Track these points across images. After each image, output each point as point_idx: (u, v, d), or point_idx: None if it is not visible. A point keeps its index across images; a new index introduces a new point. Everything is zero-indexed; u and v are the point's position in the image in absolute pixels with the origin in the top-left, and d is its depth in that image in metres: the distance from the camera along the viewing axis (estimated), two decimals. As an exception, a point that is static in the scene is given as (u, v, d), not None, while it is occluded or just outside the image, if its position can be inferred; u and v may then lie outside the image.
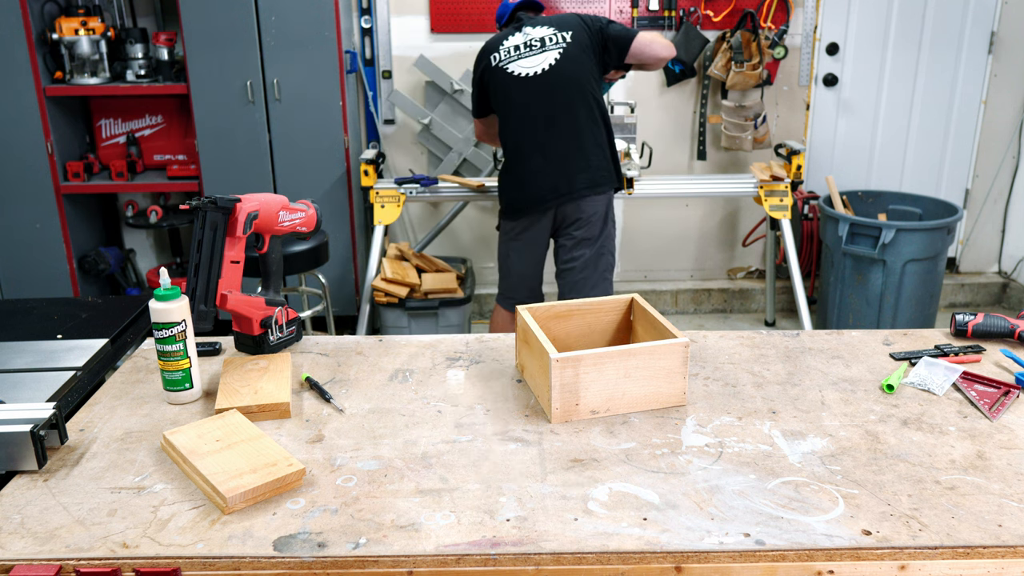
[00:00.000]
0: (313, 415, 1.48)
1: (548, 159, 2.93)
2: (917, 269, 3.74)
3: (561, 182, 2.93)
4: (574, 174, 2.92)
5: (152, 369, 1.67)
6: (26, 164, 3.76)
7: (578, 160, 2.93)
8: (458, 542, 1.12)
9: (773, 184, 3.74)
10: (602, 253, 3.02)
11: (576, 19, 2.99)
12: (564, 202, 2.95)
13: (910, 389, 1.56)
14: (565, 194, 2.93)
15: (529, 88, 2.92)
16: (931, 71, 4.37)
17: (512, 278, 3.18)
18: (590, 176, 2.93)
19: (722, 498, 1.22)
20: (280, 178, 3.88)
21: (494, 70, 2.98)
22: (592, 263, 3.02)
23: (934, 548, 1.11)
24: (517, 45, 2.96)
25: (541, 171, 2.94)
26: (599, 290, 3.04)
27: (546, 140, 2.93)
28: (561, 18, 3.00)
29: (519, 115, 2.97)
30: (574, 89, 2.91)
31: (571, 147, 2.92)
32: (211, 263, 1.62)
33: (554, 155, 2.93)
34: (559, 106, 2.91)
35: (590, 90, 2.93)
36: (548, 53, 2.91)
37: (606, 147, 2.99)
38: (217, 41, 3.65)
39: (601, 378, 1.43)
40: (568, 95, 2.91)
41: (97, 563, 1.09)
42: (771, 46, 4.11)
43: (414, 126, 4.27)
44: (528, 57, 2.93)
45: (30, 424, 1.28)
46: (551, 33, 2.94)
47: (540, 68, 2.91)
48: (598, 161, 2.95)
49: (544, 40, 2.93)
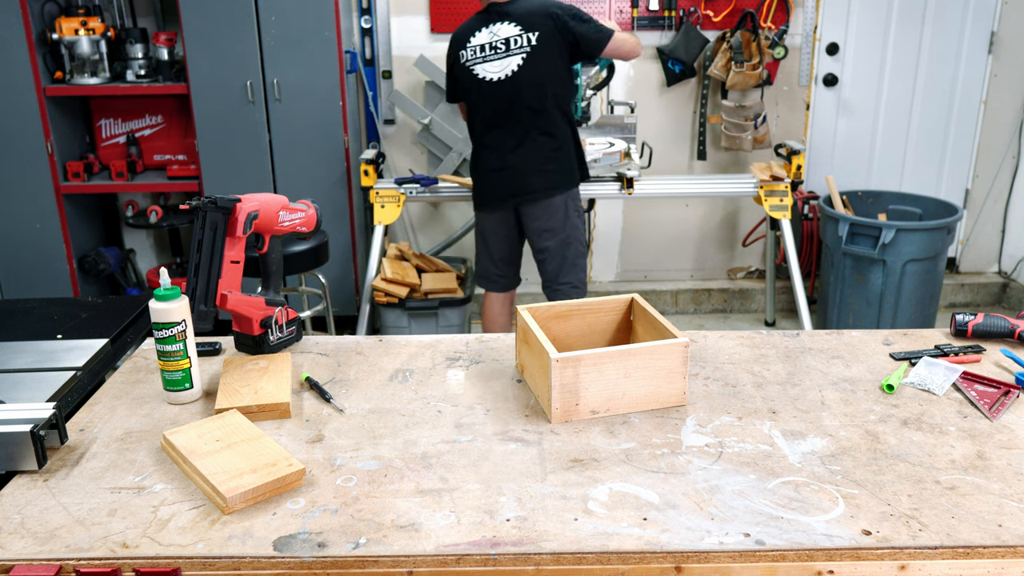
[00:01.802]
0: (313, 415, 1.48)
1: (506, 161, 3.03)
2: (917, 269, 3.74)
3: (517, 184, 3.03)
4: (529, 178, 3.01)
5: (152, 369, 1.67)
6: (26, 164, 3.76)
7: (533, 165, 3.00)
8: (458, 542, 1.12)
9: (773, 184, 3.74)
10: (568, 242, 3.10)
11: (545, 13, 2.93)
12: (520, 203, 3.07)
13: (910, 389, 1.56)
14: (519, 195, 3.05)
15: (492, 92, 2.99)
16: (931, 71, 4.37)
17: (483, 261, 3.33)
18: (545, 179, 3.01)
19: (722, 498, 1.22)
20: (280, 178, 3.88)
21: (462, 67, 3.04)
22: (559, 252, 3.11)
23: (934, 548, 1.11)
24: (483, 45, 2.97)
25: (499, 171, 3.06)
26: (572, 276, 3.14)
27: (505, 143, 3.02)
28: (530, 11, 2.94)
29: (482, 116, 3.06)
30: (535, 95, 2.95)
31: (528, 152, 3.00)
32: (211, 263, 1.62)
33: (511, 158, 3.02)
34: (519, 112, 2.97)
35: (551, 94, 2.97)
36: (512, 58, 2.93)
37: (569, 149, 3.05)
38: (217, 41, 3.65)
39: (601, 378, 1.43)
40: (528, 101, 2.96)
41: (97, 563, 1.09)
42: (771, 46, 4.11)
43: (414, 126, 4.27)
44: (492, 61, 2.95)
45: (30, 424, 1.28)
46: (517, 33, 2.92)
47: (503, 74, 2.94)
48: (555, 165, 3.02)
49: (509, 42, 2.93)
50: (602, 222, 4.54)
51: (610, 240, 4.59)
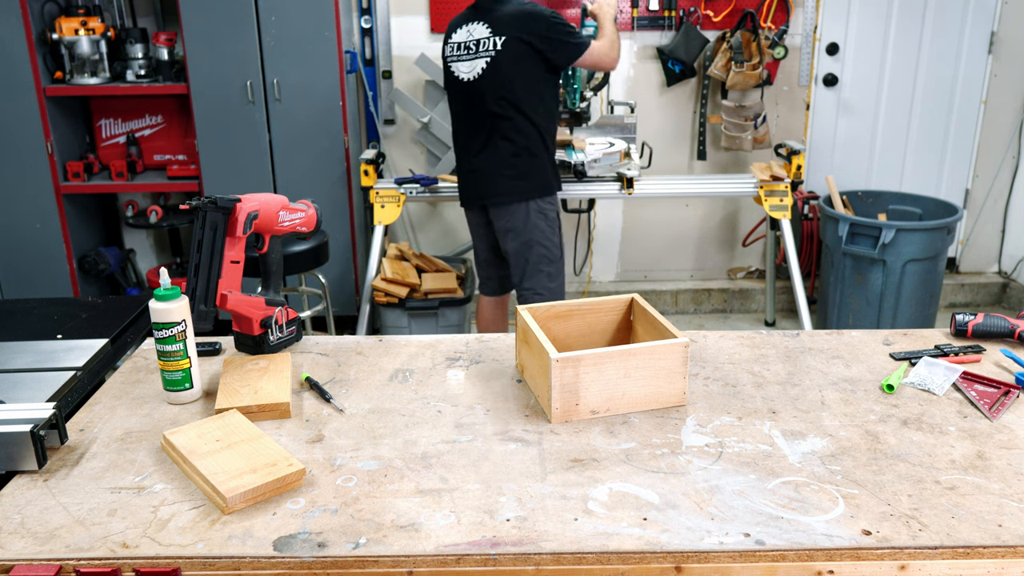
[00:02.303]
0: (313, 415, 1.48)
1: (473, 163, 3.03)
2: (917, 269, 3.74)
3: (483, 187, 3.02)
4: (491, 181, 2.99)
5: (152, 369, 1.67)
6: (26, 164, 3.76)
7: (494, 169, 2.97)
8: (458, 542, 1.12)
9: (773, 184, 3.74)
10: (530, 245, 3.00)
11: (519, 19, 2.83)
12: (487, 204, 3.05)
13: (910, 389, 1.56)
14: (485, 197, 3.03)
15: (462, 92, 2.98)
16: (931, 71, 4.37)
17: (478, 262, 3.33)
18: (506, 185, 2.97)
19: (722, 498, 1.22)
20: (280, 178, 3.88)
21: (444, 60, 3.04)
22: (521, 255, 3.03)
23: (934, 548, 1.11)
24: (460, 43, 2.95)
25: (469, 172, 3.06)
26: (535, 282, 3.06)
27: (471, 145, 3.02)
28: (507, 14, 2.86)
29: (456, 114, 3.08)
30: (497, 99, 2.89)
31: (490, 156, 2.97)
32: (211, 263, 1.62)
33: (476, 161, 3.02)
34: (483, 115, 2.94)
35: (515, 100, 2.88)
36: (478, 60, 2.89)
37: (535, 157, 2.94)
38: (217, 41, 3.65)
39: (601, 378, 1.43)
40: (491, 105, 2.91)
41: (97, 563, 1.09)
42: (771, 46, 4.11)
43: (414, 125, 4.27)
44: (464, 60, 2.93)
45: (30, 424, 1.28)
46: (487, 35, 2.86)
47: (471, 75, 2.92)
48: (514, 171, 2.94)
49: (479, 44, 2.89)
50: (602, 222, 4.55)
51: (610, 240, 4.59)
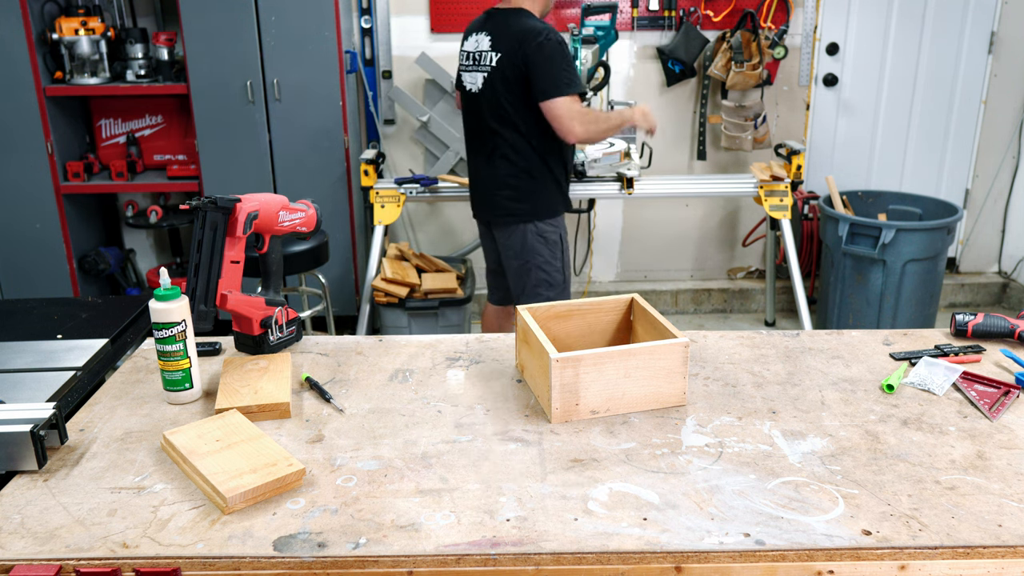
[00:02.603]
0: (313, 415, 1.48)
1: (474, 178, 3.00)
2: (917, 269, 3.74)
3: (485, 201, 2.98)
4: (490, 197, 2.92)
5: (152, 369, 1.67)
6: (26, 164, 3.76)
7: (492, 186, 2.90)
8: (458, 542, 1.12)
9: (773, 184, 3.74)
10: (528, 268, 2.90)
11: (520, 38, 2.68)
12: (489, 220, 3.00)
13: (910, 389, 1.56)
14: (486, 211, 2.99)
15: (469, 103, 2.92)
16: (931, 71, 4.37)
17: (486, 270, 3.28)
18: (503, 206, 2.88)
19: (722, 498, 1.22)
20: (280, 178, 3.88)
21: (459, 65, 2.98)
22: (518, 276, 2.94)
23: (934, 548, 1.11)
24: (469, 52, 2.88)
25: (475, 185, 3.02)
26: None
27: (477, 157, 2.97)
28: (511, 30, 2.72)
29: (464, 122, 3.02)
30: (494, 116, 2.80)
31: (490, 173, 2.90)
32: (211, 263, 1.62)
33: (477, 176, 2.98)
34: (484, 130, 2.86)
35: (512, 119, 2.76)
36: (478, 74, 2.82)
37: (535, 179, 2.83)
38: (217, 41, 3.65)
39: (601, 378, 1.43)
40: (489, 121, 2.82)
41: (97, 563, 1.09)
42: (771, 46, 4.11)
43: (414, 125, 4.27)
44: (470, 71, 2.87)
45: (30, 424, 1.28)
46: (488, 48, 2.77)
47: (475, 87, 2.85)
48: (510, 192, 2.85)
49: (480, 56, 2.81)
50: (602, 222, 4.55)
51: (610, 240, 4.59)
